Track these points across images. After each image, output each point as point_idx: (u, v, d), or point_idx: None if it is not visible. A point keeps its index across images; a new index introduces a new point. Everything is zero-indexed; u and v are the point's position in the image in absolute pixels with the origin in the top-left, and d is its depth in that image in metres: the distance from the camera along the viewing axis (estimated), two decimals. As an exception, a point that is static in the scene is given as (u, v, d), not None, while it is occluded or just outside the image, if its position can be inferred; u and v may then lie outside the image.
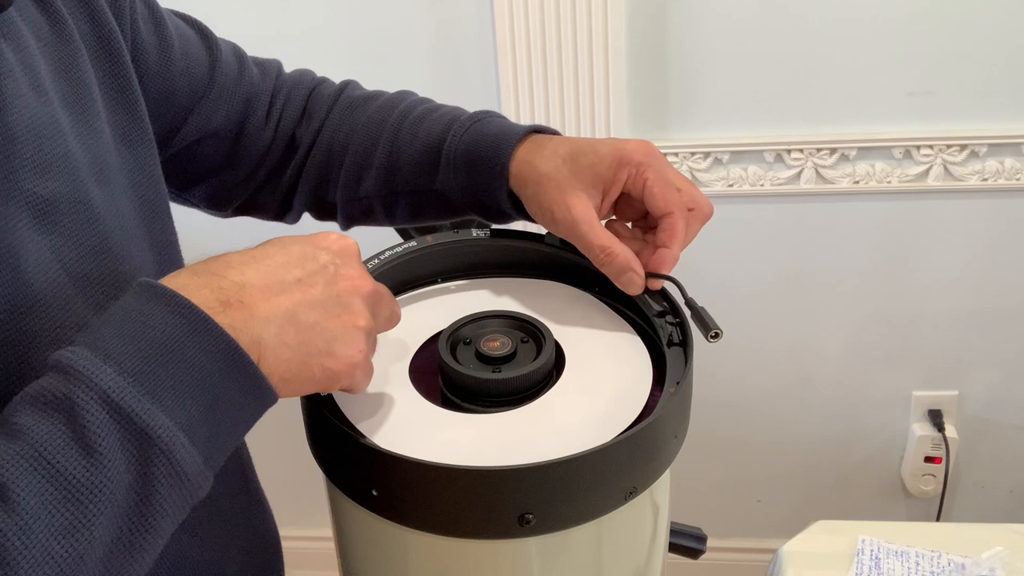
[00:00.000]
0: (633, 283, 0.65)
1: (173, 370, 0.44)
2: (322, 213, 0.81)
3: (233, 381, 0.46)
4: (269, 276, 0.49)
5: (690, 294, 0.65)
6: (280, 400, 0.50)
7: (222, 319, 0.46)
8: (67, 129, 0.58)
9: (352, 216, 0.79)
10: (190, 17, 0.76)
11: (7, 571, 0.40)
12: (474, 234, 0.73)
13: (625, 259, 0.65)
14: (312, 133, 0.78)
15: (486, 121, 0.72)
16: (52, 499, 0.41)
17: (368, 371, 0.55)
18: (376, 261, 0.69)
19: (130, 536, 0.43)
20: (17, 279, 0.52)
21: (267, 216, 0.83)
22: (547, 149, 0.68)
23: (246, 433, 0.49)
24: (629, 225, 0.71)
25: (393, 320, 0.58)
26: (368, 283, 0.54)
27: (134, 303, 0.46)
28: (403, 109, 0.76)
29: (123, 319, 0.45)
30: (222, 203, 0.81)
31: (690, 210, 0.67)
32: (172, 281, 0.47)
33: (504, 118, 0.73)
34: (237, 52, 0.78)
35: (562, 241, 0.72)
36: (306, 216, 0.84)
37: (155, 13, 0.71)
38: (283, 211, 0.82)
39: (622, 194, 0.68)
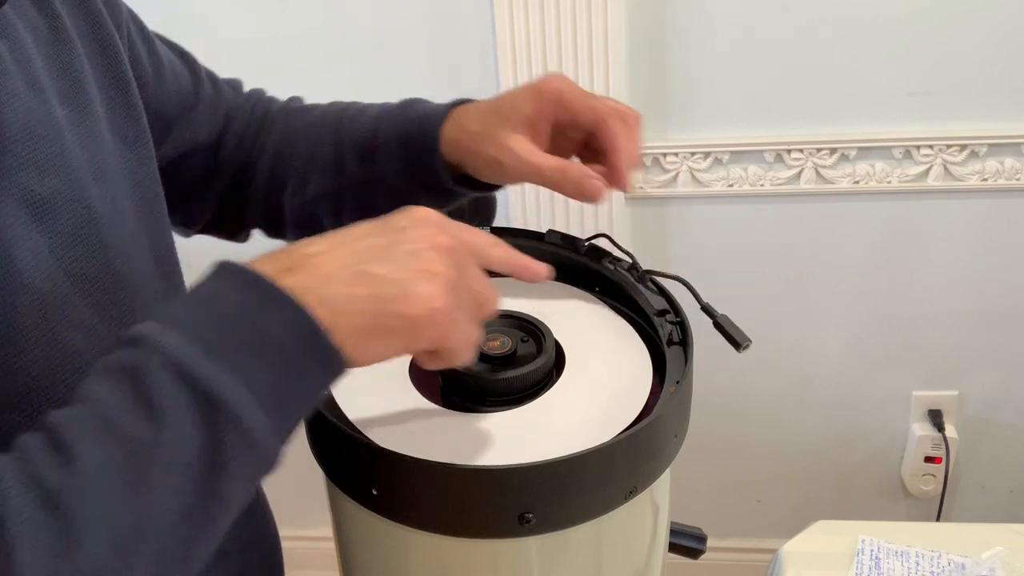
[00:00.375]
0: (596, 189, 0.65)
1: (241, 336, 0.45)
2: (271, 225, 0.82)
3: (300, 343, 0.45)
4: (339, 244, 0.49)
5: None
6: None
7: (285, 281, 0.46)
8: (64, 128, 0.58)
9: (300, 221, 0.79)
10: (166, 39, 0.78)
11: (68, 532, 0.40)
12: (474, 233, 0.73)
13: (579, 169, 0.65)
14: (262, 144, 0.80)
15: (415, 105, 0.75)
16: (115, 459, 0.41)
17: (458, 328, 0.50)
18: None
19: (200, 505, 0.43)
20: (13, 276, 0.52)
21: (224, 233, 0.85)
22: (471, 111, 0.70)
23: (317, 401, 0.48)
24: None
25: (487, 295, 0.52)
26: (445, 238, 0.50)
27: (204, 282, 0.47)
28: (339, 110, 0.78)
29: (193, 296, 0.47)
30: (192, 218, 0.82)
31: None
32: (244, 262, 0.48)
33: (431, 102, 0.75)
34: (208, 72, 0.81)
35: (563, 239, 0.72)
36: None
37: (143, 30, 0.73)
38: (239, 227, 0.84)
39: (556, 131, 0.68)
